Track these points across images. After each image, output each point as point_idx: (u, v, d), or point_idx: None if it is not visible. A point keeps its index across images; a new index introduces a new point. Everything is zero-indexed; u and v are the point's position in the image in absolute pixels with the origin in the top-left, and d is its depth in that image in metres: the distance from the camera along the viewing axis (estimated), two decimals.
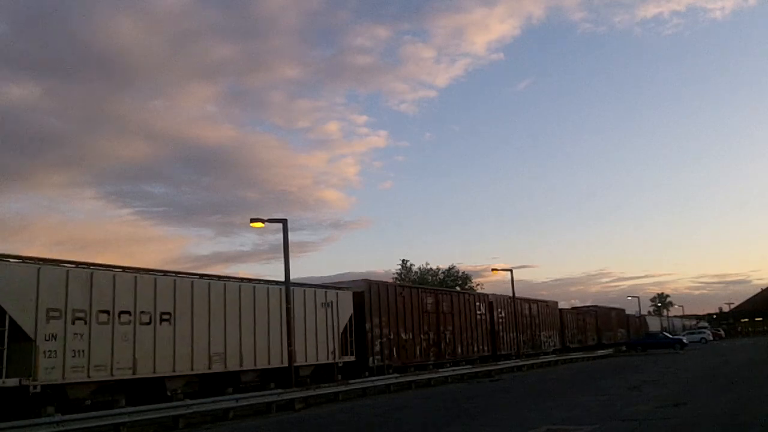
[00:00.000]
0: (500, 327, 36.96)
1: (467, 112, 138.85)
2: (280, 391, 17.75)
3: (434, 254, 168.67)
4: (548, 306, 45.53)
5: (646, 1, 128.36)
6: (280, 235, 20.49)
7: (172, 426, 14.69)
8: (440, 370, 27.04)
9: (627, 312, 66.93)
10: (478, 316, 34.46)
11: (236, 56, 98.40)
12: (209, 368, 18.36)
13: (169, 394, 17.14)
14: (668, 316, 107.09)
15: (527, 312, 41.28)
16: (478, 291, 39.20)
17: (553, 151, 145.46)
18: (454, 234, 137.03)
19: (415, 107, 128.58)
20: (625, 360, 40.39)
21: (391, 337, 26.35)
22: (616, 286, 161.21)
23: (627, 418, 12.74)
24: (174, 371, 17.31)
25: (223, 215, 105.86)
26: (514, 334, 38.37)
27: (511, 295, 38.58)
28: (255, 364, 20.04)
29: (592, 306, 58.91)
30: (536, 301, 44.27)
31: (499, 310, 37.20)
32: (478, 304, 35.16)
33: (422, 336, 28.86)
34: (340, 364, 23.45)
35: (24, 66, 73.39)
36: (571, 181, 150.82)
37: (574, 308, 54.71)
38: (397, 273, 63.75)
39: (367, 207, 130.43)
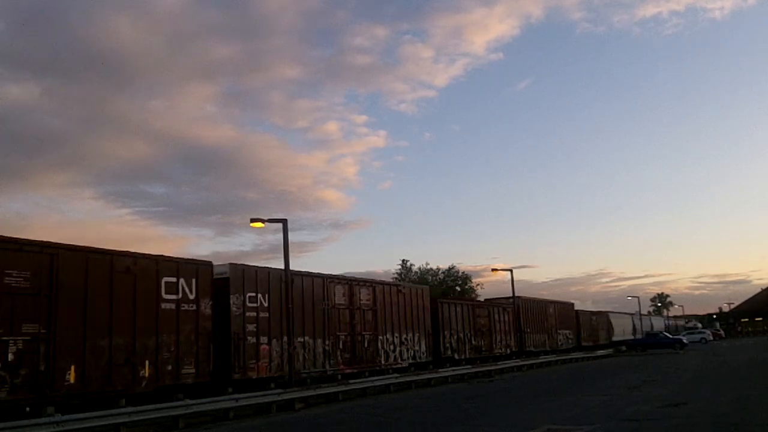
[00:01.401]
0: (252, 328, 19.45)
1: (467, 112, 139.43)
2: (280, 391, 17.73)
3: (434, 254, 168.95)
4: (403, 294, 27.69)
5: (645, 1, 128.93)
6: (280, 235, 20.52)
7: (172, 426, 14.68)
8: (440, 370, 26.87)
9: (577, 308, 51.88)
10: (168, 307, 16.82)
11: (236, 56, 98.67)
12: None
13: None
14: (659, 316, 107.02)
15: (345, 301, 23.99)
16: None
17: (553, 151, 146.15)
18: (454, 234, 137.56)
19: (415, 107, 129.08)
20: (624, 360, 40.43)
21: None
22: (616, 286, 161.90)
23: (627, 418, 12.75)
24: None
25: (223, 215, 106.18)
26: (306, 338, 21.65)
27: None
28: None
29: (511, 297, 39.76)
30: (371, 284, 26.09)
31: (251, 294, 19.63)
32: (167, 279, 16.95)
33: None
34: None
35: (24, 66, 73.54)
36: (571, 181, 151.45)
37: (486, 300, 40.08)
38: (397, 273, 63.87)
39: (367, 207, 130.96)
